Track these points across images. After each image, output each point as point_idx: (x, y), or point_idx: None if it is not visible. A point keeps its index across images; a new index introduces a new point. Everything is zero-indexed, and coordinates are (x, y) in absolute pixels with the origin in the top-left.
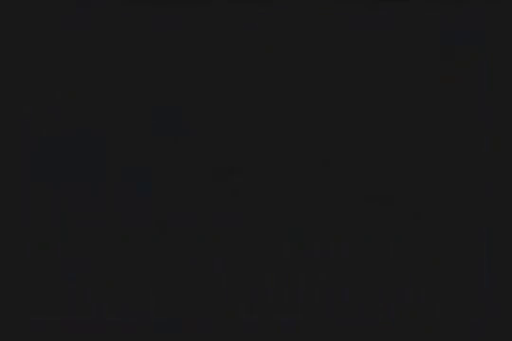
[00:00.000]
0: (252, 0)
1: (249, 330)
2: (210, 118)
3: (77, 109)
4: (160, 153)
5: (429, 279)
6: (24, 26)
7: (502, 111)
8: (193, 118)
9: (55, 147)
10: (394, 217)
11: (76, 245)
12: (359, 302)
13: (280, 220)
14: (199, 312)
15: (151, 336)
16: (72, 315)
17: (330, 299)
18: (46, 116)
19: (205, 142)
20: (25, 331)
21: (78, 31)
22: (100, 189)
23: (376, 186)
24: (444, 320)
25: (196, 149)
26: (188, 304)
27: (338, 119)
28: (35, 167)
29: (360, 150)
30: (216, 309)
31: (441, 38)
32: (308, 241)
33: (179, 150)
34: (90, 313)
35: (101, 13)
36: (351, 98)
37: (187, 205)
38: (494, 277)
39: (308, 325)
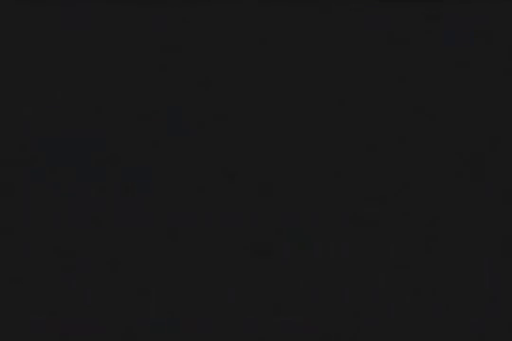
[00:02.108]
0: (253, 0)
1: (249, 330)
2: (211, 118)
3: (77, 109)
4: (160, 153)
5: (429, 279)
6: (23, 25)
7: (502, 112)
8: (194, 118)
9: (55, 147)
10: (394, 217)
11: (76, 245)
12: (359, 302)
13: (280, 220)
14: (199, 312)
15: (151, 336)
16: (72, 315)
17: (330, 300)
18: (46, 116)
19: (205, 142)
20: (25, 331)
21: (78, 31)
22: (100, 189)
23: (377, 185)
24: (444, 320)
25: (196, 149)
26: (188, 304)
27: (338, 120)
28: (35, 167)
29: (360, 149)
30: (216, 309)
31: (443, 39)
32: (308, 241)
33: (179, 150)
34: (90, 313)
35: (101, 13)
36: (351, 98)
37: (187, 205)
38: (494, 277)
39: (308, 325)
